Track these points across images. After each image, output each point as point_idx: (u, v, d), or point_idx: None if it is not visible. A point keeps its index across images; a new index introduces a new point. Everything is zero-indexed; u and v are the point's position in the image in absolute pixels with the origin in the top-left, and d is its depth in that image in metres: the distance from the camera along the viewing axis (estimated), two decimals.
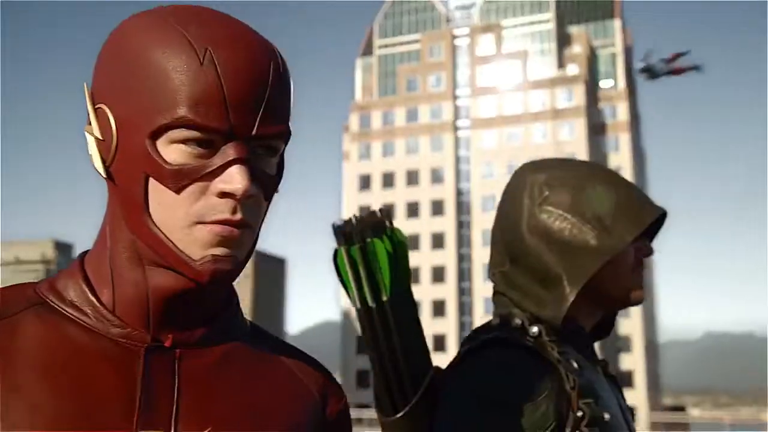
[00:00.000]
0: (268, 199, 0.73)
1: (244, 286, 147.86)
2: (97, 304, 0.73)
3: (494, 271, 1.30)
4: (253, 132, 0.68)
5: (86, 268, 0.76)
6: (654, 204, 1.28)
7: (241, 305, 0.84)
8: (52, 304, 0.73)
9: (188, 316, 0.75)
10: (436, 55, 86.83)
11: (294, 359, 0.84)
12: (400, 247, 1.28)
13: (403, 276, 1.27)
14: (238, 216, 0.68)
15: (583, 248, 1.22)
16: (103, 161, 0.71)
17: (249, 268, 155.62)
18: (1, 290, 0.74)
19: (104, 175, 0.72)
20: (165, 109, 0.66)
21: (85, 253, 0.78)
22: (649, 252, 1.31)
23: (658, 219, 1.34)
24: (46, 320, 0.72)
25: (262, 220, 0.74)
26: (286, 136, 0.72)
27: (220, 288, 0.76)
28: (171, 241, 0.69)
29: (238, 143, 0.68)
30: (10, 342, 0.69)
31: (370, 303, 1.24)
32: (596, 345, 10.93)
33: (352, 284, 1.25)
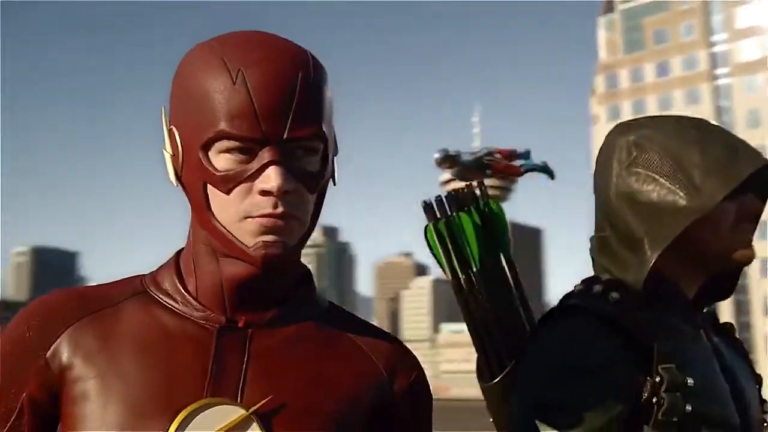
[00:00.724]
0: (313, 191, 0.85)
1: None
2: (184, 292, 0.87)
3: (594, 236, 1.28)
4: (285, 136, 0.80)
5: (180, 261, 0.90)
6: (755, 156, 1.19)
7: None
8: (151, 293, 0.89)
9: (259, 300, 0.87)
10: (685, 1, 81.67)
11: (365, 337, 0.93)
12: (496, 218, 1.33)
13: (497, 246, 1.32)
14: (279, 209, 0.80)
15: (669, 209, 1.16)
16: (176, 173, 0.85)
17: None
18: (115, 282, 0.92)
19: (176, 185, 0.87)
20: (209, 125, 0.80)
21: (181, 249, 0.92)
22: (757, 209, 1.22)
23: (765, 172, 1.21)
24: (145, 307, 0.88)
25: (318, 207, 0.87)
26: (319, 136, 0.83)
27: (275, 270, 0.84)
28: (230, 233, 0.82)
29: (271, 148, 0.80)
30: (114, 325, 0.86)
31: (461, 275, 1.28)
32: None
33: (442, 258, 1.29)
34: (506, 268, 1.32)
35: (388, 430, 0.91)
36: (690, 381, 1.08)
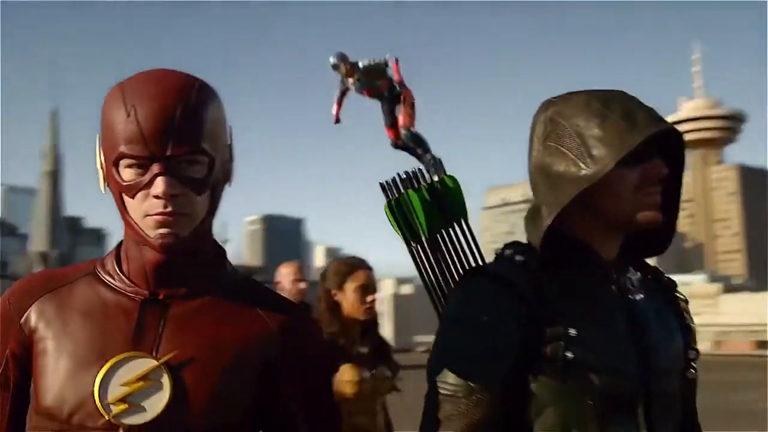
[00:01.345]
0: (201, 193, 1.10)
1: (731, 203, 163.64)
2: (120, 273, 1.16)
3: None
4: (168, 153, 1.06)
5: (120, 249, 1.19)
6: (649, 124, 1.22)
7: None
8: (98, 273, 1.18)
9: (177, 277, 1.15)
10: None
11: (264, 304, 1.20)
12: (449, 191, 1.59)
13: (454, 215, 1.58)
14: (169, 209, 1.07)
15: (567, 178, 1.23)
16: (104, 182, 1.14)
17: (733, 185, 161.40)
18: (75, 265, 1.23)
19: (104, 191, 1.14)
20: (114, 147, 1.08)
21: (122, 241, 1.19)
22: (660, 173, 1.24)
23: (672, 136, 1.27)
24: (92, 284, 1.17)
25: (214, 203, 1.13)
26: (198, 152, 1.08)
27: (175, 254, 1.11)
28: (140, 227, 1.10)
29: (158, 163, 1.07)
30: (68, 298, 1.15)
31: (413, 243, 1.54)
32: None
33: (398, 230, 1.54)
34: (466, 233, 1.54)
35: (278, 379, 1.16)
36: (572, 331, 1.16)
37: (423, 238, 1.57)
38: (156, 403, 1.09)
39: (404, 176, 1.62)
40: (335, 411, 1.27)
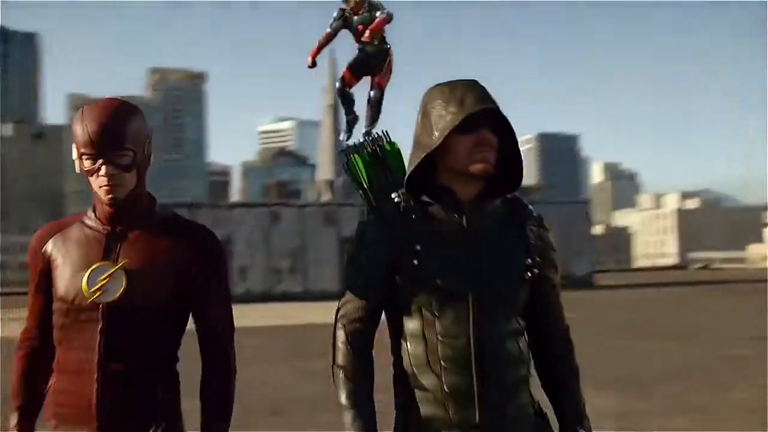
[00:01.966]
0: (128, 171, 1.89)
1: None
2: (94, 217, 1.96)
3: None
4: (105, 151, 1.85)
5: (94, 204, 1.96)
6: (472, 105, 1.84)
7: None
8: (83, 220, 1.98)
9: (126, 217, 1.94)
10: None
11: (180, 229, 2.00)
12: (388, 154, 2.29)
13: (393, 171, 2.28)
14: (110, 184, 1.86)
15: (422, 145, 1.91)
16: (79, 167, 1.89)
17: None
18: (76, 215, 2.03)
19: (79, 172, 1.89)
20: (78, 148, 1.87)
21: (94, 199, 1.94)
22: (487, 138, 1.86)
23: (495, 111, 1.86)
24: (80, 225, 1.97)
25: (139, 177, 1.93)
26: (124, 149, 1.86)
27: (119, 205, 1.92)
28: (98, 194, 1.88)
29: (101, 158, 1.85)
30: (67, 235, 1.97)
31: (359, 190, 2.30)
32: None
33: (353, 180, 2.32)
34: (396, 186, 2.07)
35: (194, 281, 1.96)
36: (418, 246, 1.85)
37: (365, 187, 2.28)
38: (117, 289, 1.93)
39: (351, 145, 2.39)
40: (228, 303, 2.07)
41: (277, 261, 26.61)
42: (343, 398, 1.89)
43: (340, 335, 1.94)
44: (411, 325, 1.90)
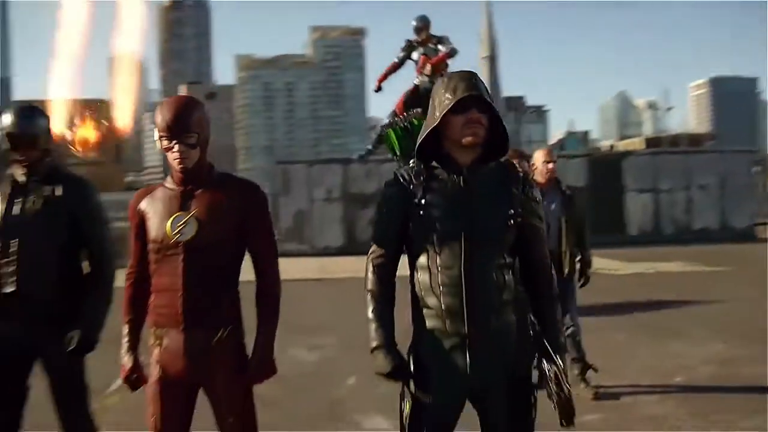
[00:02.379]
0: (194, 148, 2.69)
1: None
2: (171, 181, 2.78)
3: None
4: (178, 134, 2.66)
5: (171, 172, 2.78)
6: (462, 92, 2.45)
7: None
8: (164, 184, 2.81)
9: (195, 179, 2.72)
10: None
11: (235, 184, 2.80)
12: (415, 127, 5.53)
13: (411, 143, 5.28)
14: (181, 158, 2.67)
15: (428, 125, 2.55)
16: (161, 147, 2.74)
17: None
18: (156, 185, 2.86)
19: (159, 151, 2.98)
20: (159, 132, 2.68)
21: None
22: (473, 117, 2.47)
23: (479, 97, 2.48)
24: (162, 187, 2.80)
25: (201, 152, 2.73)
26: (192, 132, 2.67)
27: (189, 172, 2.72)
28: (172, 165, 2.71)
29: (174, 139, 2.66)
30: (154, 195, 2.80)
31: (394, 156, 6.53)
32: None
33: (389, 150, 6.68)
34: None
35: (246, 221, 2.74)
36: (423, 200, 2.49)
37: (397, 154, 3.33)
38: (191, 232, 2.70)
39: (386, 123, 3.62)
40: (272, 235, 2.86)
41: None
42: (369, 313, 2.60)
43: (370, 268, 2.62)
44: (420, 260, 2.54)
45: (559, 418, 2.55)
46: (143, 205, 2.83)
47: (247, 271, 2.83)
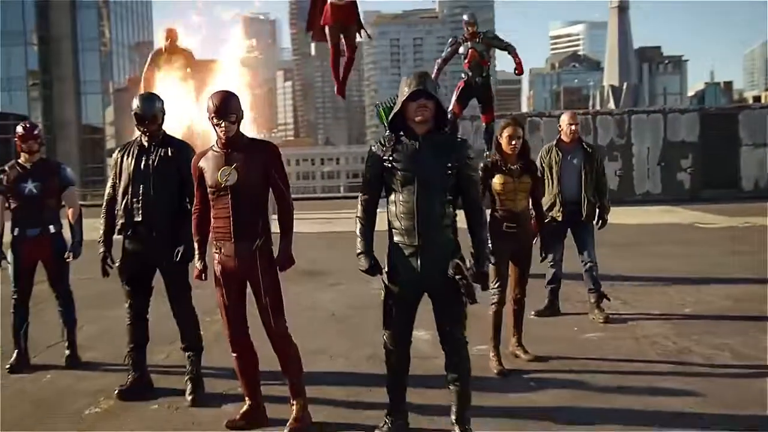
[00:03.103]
0: (234, 124, 4.14)
1: None
2: (218, 146, 4.21)
3: None
4: (221, 116, 4.10)
5: (217, 139, 4.23)
6: (414, 87, 3.80)
7: None
8: (212, 148, 4.25)
9: (233, 145, 4.15)
10: None
11: (260, 144, 4.33)
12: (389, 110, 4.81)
13: (390, 118, 3.96)
14: (225, 131, 4.12)
15: (394, 109, 3.95)
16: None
17: None
18: (206, 150, 4.31)
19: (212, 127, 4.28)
20: (209, 113, 4.14)
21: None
22: (421, 104, 3.80)
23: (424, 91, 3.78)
24: (213, 150, 4.22)
25: (237, 127, 4.18)
26: (232, 115, 4.12)
27: (231, 139, 4.16)
28: (219, 135, 4.18)
29: (220, 119, 4.09)
30: (207, 155, 4.24)
31: (384, 127, 4.26)
32: None
33: (381, 121, 5.50)
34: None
35: (269, 166, 4.22)
36: (390, 157, 3.89)
37: (385, 125, 4.21)
38: (234, 179, 4.13)
39: (378, 103, 5.96)
40: (285, 176, 4.27)
41: None
42: (357, 232, 4.03)
43: (359, 203, 4.03)
44: (390, 197, 3.94)
45: (465, 297, 3.82)
46: (201, 164, 4.26)
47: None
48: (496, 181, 5.41)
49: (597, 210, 7.05)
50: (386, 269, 3.97)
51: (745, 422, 4.27)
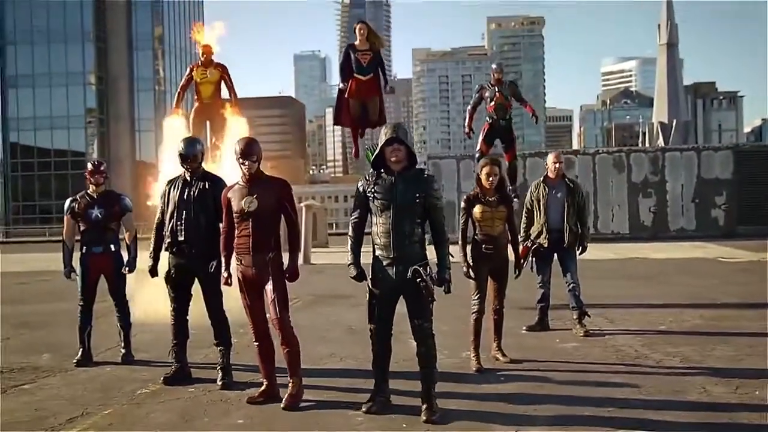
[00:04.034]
0: (256, 163, 5.47)
1: None
2: (242, 181, 5.53)
3: None
4: (245, 158, 5.44)
5: (241, 175, 5.62)
6: (388, 135, 5.06)
7: None
8: (239, 182, 5.57)
9: (254, 180, 5.47)
10: None
11: (275, 180, 5.59)
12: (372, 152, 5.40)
13: (373, 159, 5.19)
14: (248, 169, 5.44)
15: (375, 152, 5.18)
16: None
17: None
18: (233, 184, 5.66)
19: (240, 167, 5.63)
20: (236, 155, 5.49)
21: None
22: (395, 148, 5.04)
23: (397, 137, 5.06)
24: (238, 185, 5.55)
25: (258, 164, 5.49)
26: (255, 157, 5.46)
27: (254, 176, 5.47)
28: (243, 173, 5.52)
29: (245, 160, 5.41)
30: (233, 189, 5.62)
31: (369, 163, 5.48)
32: None
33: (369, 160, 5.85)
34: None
35: (282, 201, 5.53)
36: (369, 189, 5.12)
37: (371, 164, 5.34)
38: (255, 207, 5.42)
39: (367, 147, 8.07)
40: (294, 207, 5.61)
41: None
42: (348, 248, 5.22)
43: (350, 225, 5.21)
44: (373, 220, 5.06)
45: (426, 294, 4.98)
46: (229, 195, 5.54)
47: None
48: (477, 210, 6.53)
49: (578, 238, 8.13)
50: (370, 276, 5.14)
51: (668, 405, 5.26)
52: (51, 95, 71.16)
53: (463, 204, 6.56)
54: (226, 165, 8.93)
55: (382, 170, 5.14)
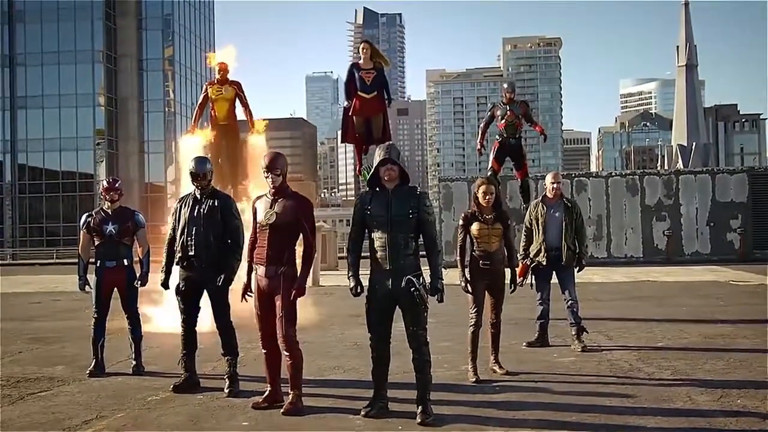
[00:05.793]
0: (280, 176, 5.93)
1: None
2: (268, 194, 6.04)
3: None
4: (270, 171, 5.91)
5: (268, 188, 6.08)
6: (381, 157, 5.58)
7: None
8: (266, 194, 6.09)
9: (279, 193, 5.96)
10: None
11: (296, 195, 6.04)
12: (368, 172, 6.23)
13: (369, 178, 5.74)
14: (273, 182, 5.92)
15: (371, 171, 5.73)
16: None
17: None
18: (261, 195, 6.21)
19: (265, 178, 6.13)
20: (263, 169, 5.96)
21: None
22: (388, 167, 5.57)
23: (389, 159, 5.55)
24: (264, 197, 6.07)
25: (283, 177, 5.96)
26: (278, 171, 5.92)
27: (279, 189, 5.95)
28: (269, 186, 6.00)
29: (269, 173, 5.90)
30: (260, 201, 6.11)
31: (365, 182, 6.34)
32: None
33: (364, 179, 7.41)
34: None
35: (301, 215, 5.95)
36: (367, 207, 5.63)
37: (367, 183, 5.86)
38: (274, 219, 5.89)
39: (364, 167, 9.69)
40: (312, 223, 6.02)
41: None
42: (348, 261, 5.76)
43: (348, 242, 5.73)
44: (371, 235, 5.57)
45: (421, 305, 5.45)
46: (256, 204, 6.01)
47: None
48: (474, 227, 7.00)
49: (576, 256, 8.57)
50: (368, 287, 5.62)
51: (652, 412, 5.68)
52: (60, 116, 72.35)
53: (461, 222, 7.04)
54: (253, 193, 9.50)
55: (377, 188, 5.64)
